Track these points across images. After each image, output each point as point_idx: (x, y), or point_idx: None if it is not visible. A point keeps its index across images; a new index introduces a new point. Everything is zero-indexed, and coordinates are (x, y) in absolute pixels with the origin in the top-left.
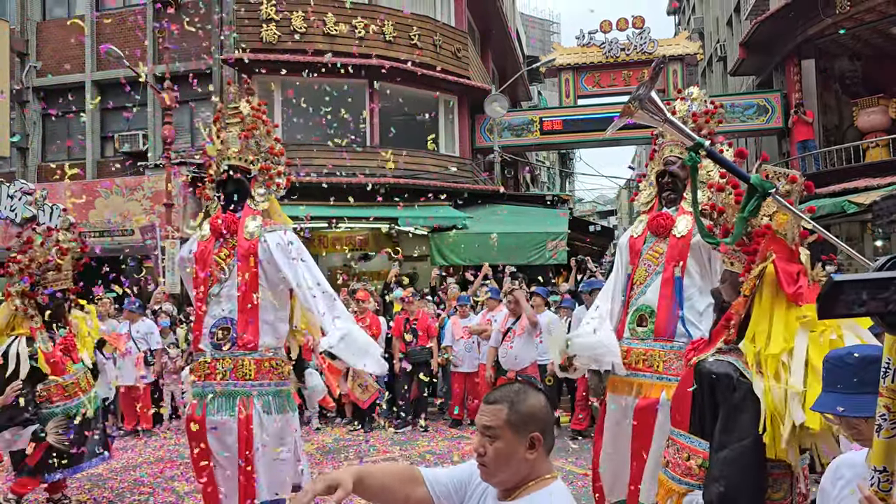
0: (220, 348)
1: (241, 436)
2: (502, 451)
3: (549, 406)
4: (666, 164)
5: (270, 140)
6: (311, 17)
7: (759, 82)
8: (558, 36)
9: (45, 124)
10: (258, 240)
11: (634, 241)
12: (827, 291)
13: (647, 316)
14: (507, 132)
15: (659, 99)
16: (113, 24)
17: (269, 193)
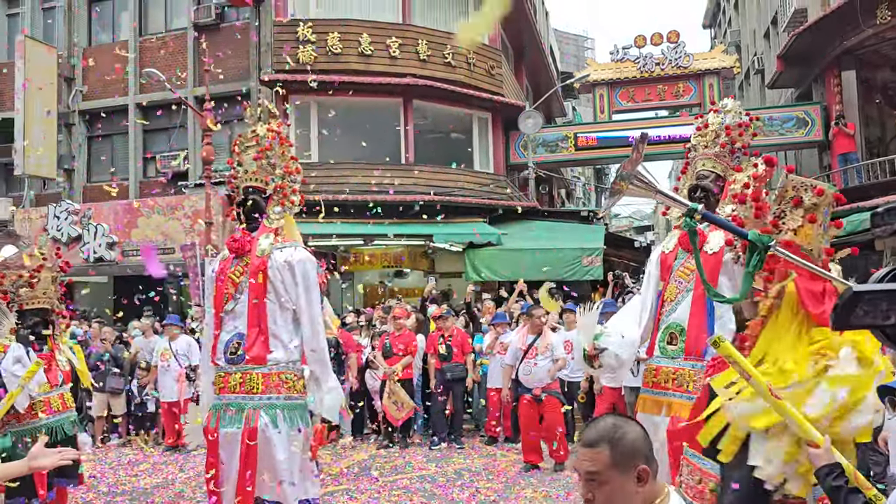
0: (232, 363)
1: (243, 449)
2: (612, 494)
3: (644, 431)
4: (698, 179)
5: (286, 159)
6: (347, 37)
7: (798, 95)
8: (592, 52)
9: (91, 146)
10: (268, 256)
11: (665, 256)
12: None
13: (678, 334)
14: (542, 148)
15: (647, 171)
16: (154, 48)
17: (284, 211)
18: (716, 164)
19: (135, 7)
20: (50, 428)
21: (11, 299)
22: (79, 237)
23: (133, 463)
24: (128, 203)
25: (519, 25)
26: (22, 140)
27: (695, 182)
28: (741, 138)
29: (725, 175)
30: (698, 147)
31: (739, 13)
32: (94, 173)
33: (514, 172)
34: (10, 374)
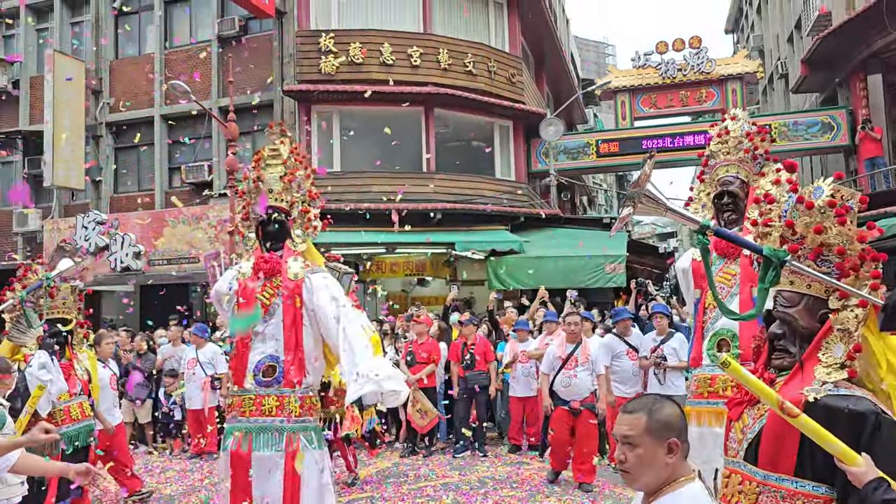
0: (265, 385)
1: (288, 470)
2: (643, 457)
3: (683, 415)
4: (724, 185)
5: (308, 183)
6: (368, 47)
7: (823, 99)
8: (613, 58)
9: (118, 157)
10: (303, 280)
11: (698, 264)
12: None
13: (729, 340)
14: (563, 155)
15: (656, 189)
16: (180, 61)
17: (306, 236)
18: (740, 169)
19: (160, 21)
20: (69, 437)
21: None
22: (106, 247)
23: (159, 470)
24: (154, 213)
25: (539, 33)
26: (51, 152)
27: (720, 188)
28: (763, 144)
29: (749, 181)
30: (719, 154)
31: (762, 18)
32: (120, 184)
33: (536, 180)
34: (35, 379)
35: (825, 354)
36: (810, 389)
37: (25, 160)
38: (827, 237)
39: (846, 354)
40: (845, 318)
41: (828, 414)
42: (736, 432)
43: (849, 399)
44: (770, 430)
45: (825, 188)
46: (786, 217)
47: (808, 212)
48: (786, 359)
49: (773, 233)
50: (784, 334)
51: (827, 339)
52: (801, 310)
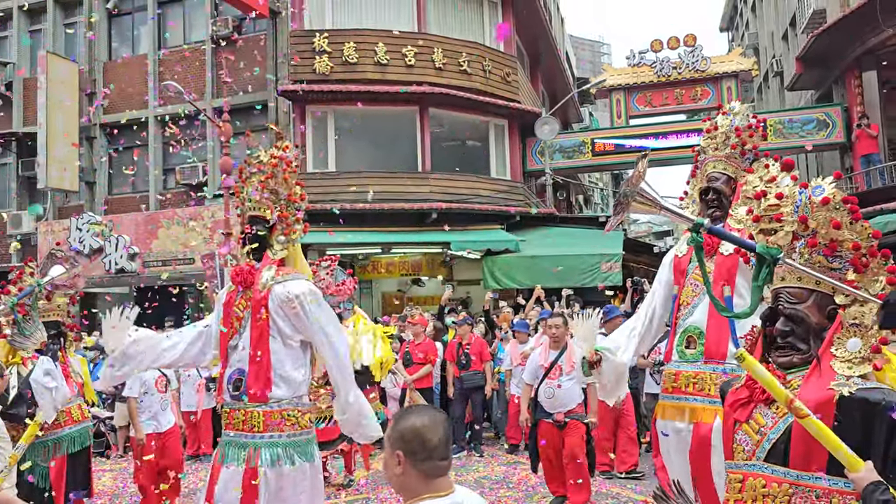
0: (236, 399)
1: (245, 486)
2: (384, 464)
3: (426, 429)
4: (710, 181)
5: (290, 187)
6: (362, 47)
7: (818, 97)
8: (609, 57)
9: (112, 159)
10: (269, 291)
11: (679, 260)
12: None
13: (696, 337)
14: (559, 154)
15: (650, 187)
16: (174, 62)
17: (288, 241)
18: (727, 165)
19: (154, 22)
20: (72, 438)
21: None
22: (100, 249)
23: None
24: (148, 214)
25: (534, 32)
26: (44, 154)
27: (706, 184)
28: (751, 139)
29: (737, 177)
30: (708, 150)
31: (757, 15)
32: (115, 185)
33: (532, 179)
34: (41, 386)
35: (839, 350)
36: (839, 385)
37: (20, 162)
38: (842, 233)
39: (871, 347)
40: (858, 312)
41: (866, 407)
42: (749, 434)
43: (882, 391)
44: (800, 427)
45: (826, 187)
46: (797, 213)
47: (823, 207)
48: (794, 356)
49: (786, 227)
50: (791, 331)
51: (838, 335)
52: (811, 306)
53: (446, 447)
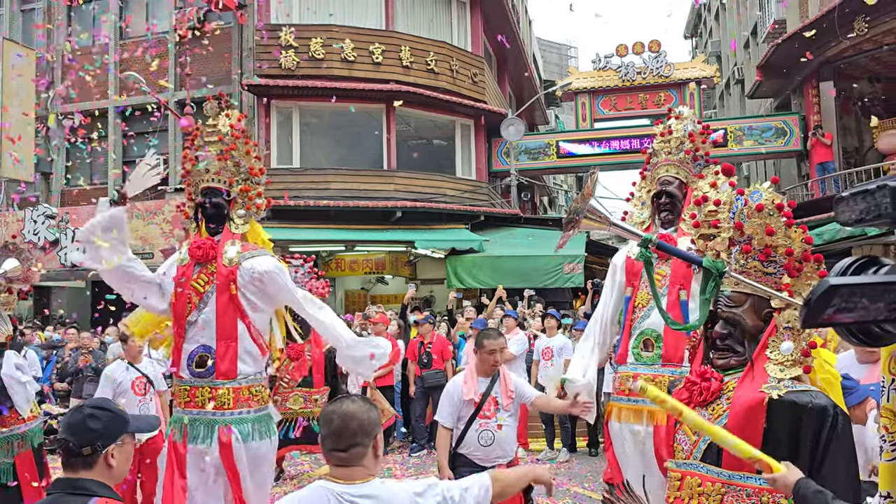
0: (199, 376)
1: (226, 463)
2: None
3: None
4: (663, 184)
5: (251, 160)
6: (329, 43)
7: (777, 105)
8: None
9: (69, 149)
10: (237, 266)
11: (633, 262)
12: (820, 295)
13: (654, 340)
14: (524, 156)
15: (599, 204)
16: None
17: (249, 216)
18: (679, 170)
19: (116, 10)
20: (27, 436)
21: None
22: (56, 241)
23: None
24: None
25: (502, 33)
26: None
27: (660, 188)
28: (703, 146)
29: (688, 181)
30: (661, 153)
31: (720, 24)
32: (71, 177)
33: (497, 179)
34: (14, 381)
35: (773, 352)
36: (770, 387)
37: None
38: (775, 238)
39: (801, 350)
40: (791, 315)
41: (794, 409)
42: (688, 434)
43: (809, 394)
44: (733, 429)
45: (763, 193)
46: (734, 219)
47: (757, 214)
48: (731, 358)
49: (722, 234)
50: (729, 334)
51: (773, 338)
52: (748, 309)
53: (338, 440)
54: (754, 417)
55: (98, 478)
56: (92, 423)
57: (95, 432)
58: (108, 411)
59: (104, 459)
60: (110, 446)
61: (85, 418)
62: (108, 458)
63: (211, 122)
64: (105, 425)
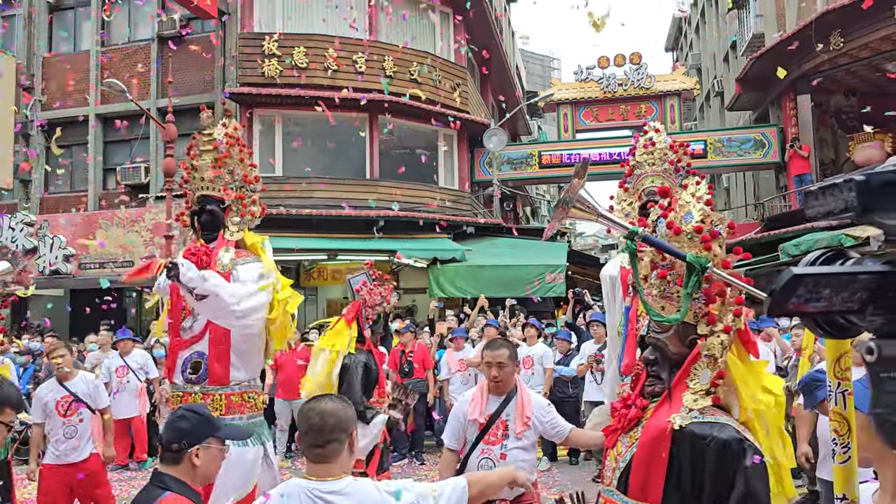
0: (192, 382)
1: None
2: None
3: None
4: (650, 195)
5: (245, 168)
6: (313, 52)
7: (756, 117)
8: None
9: (49, 156)
10: (230, 272)
11: (628, 271)
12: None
13: None
14: (507, 166)
15: (589, 195)
16: (117, 60)
17: (243, 223)
18: (664, 181)
19: (98, 17)
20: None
21: None
22: (34, 249)
23: None
24: (86, 215)
25: (486, 44)
26: None
27: (647, 199)
28: (685, 157)
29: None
30: (644, 165)
31: (700, 37)
32: (51, 184)
33: (479, 189)
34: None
35: (693, 381)
36: (677, 416)
37: None
38: None
39: (710, 381)
40: (712, 343)
41: (694, 441)
42: (611, 460)
43: (714, 426)
44: (639, 458)
45: (695, 214)
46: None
47: (676, 237)
48: (657, 385)
49: (645, 257)
50: (656, 360)
51: (695, 366)
52: (672, 335)
53: (317, 436)
54: (660, 447)
55: (182, 475)
56: (182, 423)
57: (183, 431)
58: (199, 415)
59: (189, 458)
60: (196, 446)
61: (177, 418)
62: (192, 458)
63: (207, 130)
64: (193, 426)
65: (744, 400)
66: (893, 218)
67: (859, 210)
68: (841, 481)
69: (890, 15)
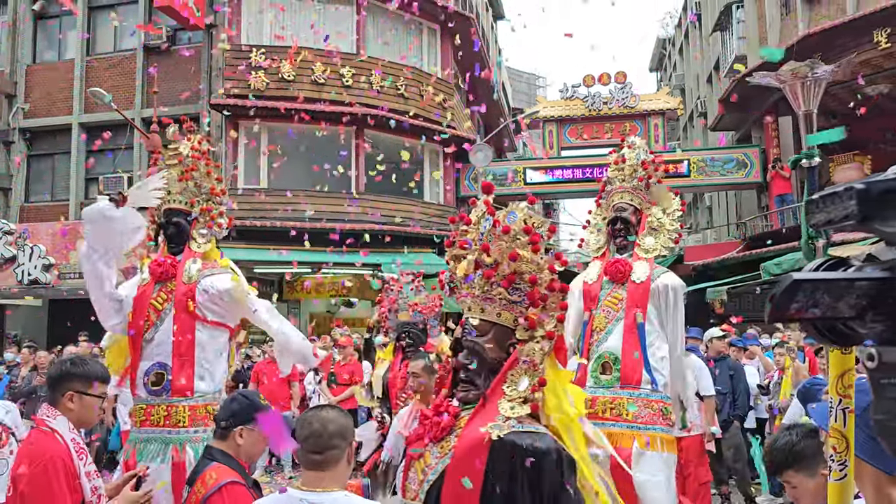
0: (155, 394)
1: (175, 482)
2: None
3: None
4: (618, 211)
5: (211, 180)
6: (299, 65)
7: (739, 137)
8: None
9: (30, 165)
10: (196, 283)
11: (590, 287)
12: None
13: (612, 363)
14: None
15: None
16: (102, 69)
17: (210, 235)
18: (633, 197)
19: (83, 26)
20: None
21: None
22: (13, 258)
23: None
24: (67, 224)
25: (472, 60)
26: None
27: (615, 214)
28: (656, 174)
29: (642, 208)
30: (615, 181)
31: (684, 58)
32: (32, 193)
33: (464, 205)
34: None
35: (510, 388)
36: (494, 426)
37: None
38: (520, 264)
39: (530, 387)
40: (531, 349)
41: (513, 451)
42: (417, 472)
43: (532, 436)
44: (455, 468)
45: (518, 214)
46: (481, 240)
47: (504, 236)
48: (471, 391)
49: (469, 256)
50: (472, 365)
51: (512, 372)
52: (491, 339)
53: (316, 442)
54: (475, 457)
55: (227, 449)
56: (232, 404)
57: (231, 411)
58: (249, 399)
59: (234, 436)
60: (241, 426)
61: (230, 400)
62: (236, 436)
63: (173, 145)
64: (241, 408)
65: (549, 409)
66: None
67: (859, 218)
68: (837, 499)
69: (869, 40)
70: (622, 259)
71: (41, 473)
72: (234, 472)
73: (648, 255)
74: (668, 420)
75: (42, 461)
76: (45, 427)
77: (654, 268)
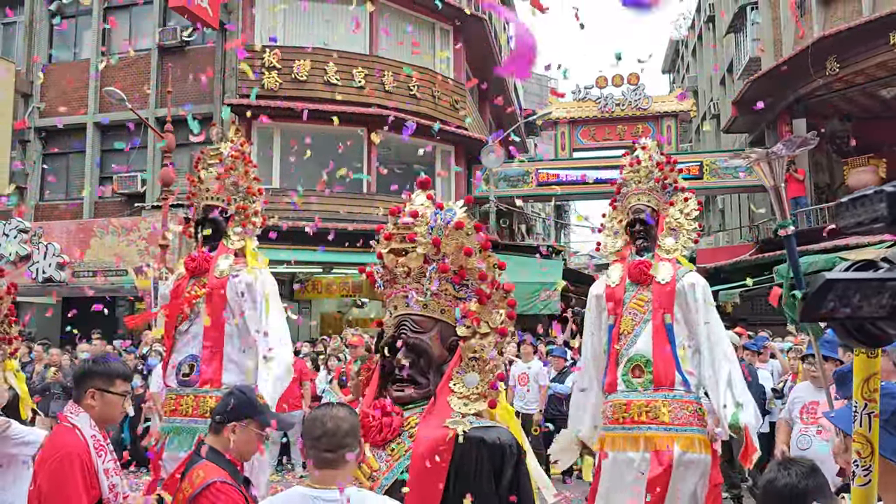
0: (185, 385)
1: None
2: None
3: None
4: (636, 213)
5: (249, 180)
6: (313, 65)
7: (752, 140)
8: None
9: (45, 163)
10: (227, 278)
11: (613, 290)
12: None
13: (643, 366)
14: (503, 183)
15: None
16: (118, 68)
17: (244, 233)
18: (650, 198)
19: (98, 26)
20: None
21: None
22: (28, 256)
23: None
24: (81, 223)
25: (484, 61)
26: None
27: (633, 216)
28: (671, 174)
29: (659, 209)
30: (631, 183)
31: (697, 60)
32: (47, 191)
33: (475, 206)
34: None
35: (457, 385)
36: (454, 423)
37: None
38: (472, 260)
39: (489, 383)
40: (477, 345)
41: (480, 446)
42: (360, 477)
43: (497, 430)
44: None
45: (457, 210)
46: (431, 234)
47: (456, 232)
48: (413, 390)
49: (418, 249)
50: (413, 363)
51: (457, 369)
52: (435, 336)
53: (331, 439)
54: (440, 454)
55: (218, 445)
56: (229, 399)
57: (226, 405)
58: (245, 395)
59: (226, 432)
60: (234, 422)
61: (228, 394)
62: (228, 432)
63: (214, 147)
64: (238, 405)
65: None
66: None
67: (889, 220)
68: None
69: (885, 42)
70: (644, 260)
71: (57, 468)
72: (221, 471)
73: (670, 256)
74: (703, 421)
75: (59, 455)
76: (66, 423)
77: (677, 268)
